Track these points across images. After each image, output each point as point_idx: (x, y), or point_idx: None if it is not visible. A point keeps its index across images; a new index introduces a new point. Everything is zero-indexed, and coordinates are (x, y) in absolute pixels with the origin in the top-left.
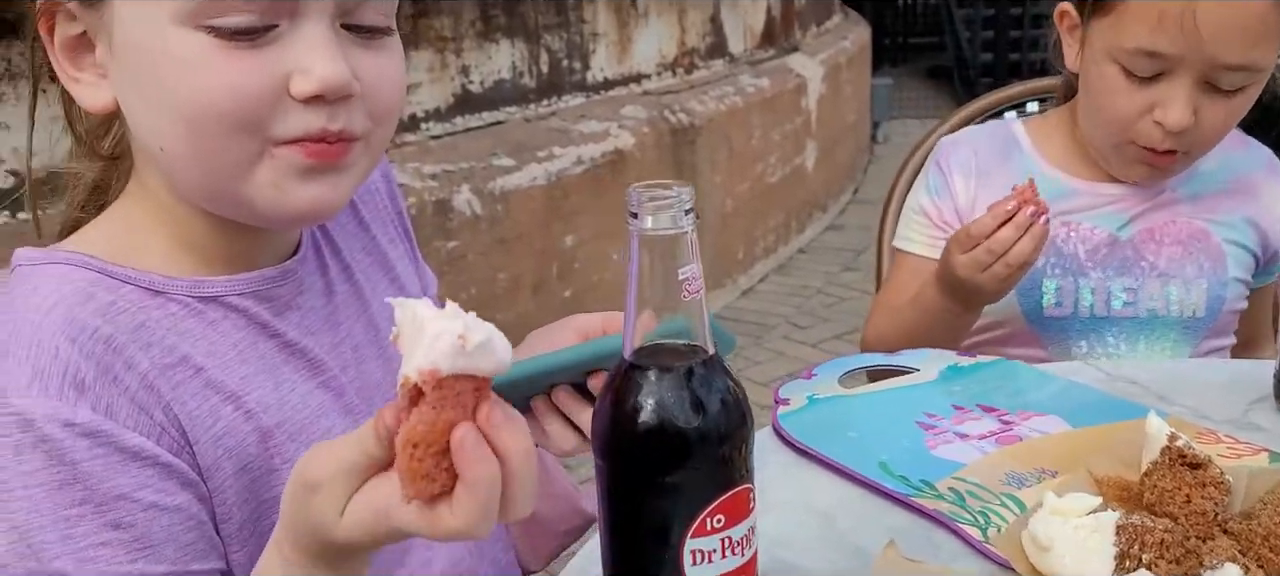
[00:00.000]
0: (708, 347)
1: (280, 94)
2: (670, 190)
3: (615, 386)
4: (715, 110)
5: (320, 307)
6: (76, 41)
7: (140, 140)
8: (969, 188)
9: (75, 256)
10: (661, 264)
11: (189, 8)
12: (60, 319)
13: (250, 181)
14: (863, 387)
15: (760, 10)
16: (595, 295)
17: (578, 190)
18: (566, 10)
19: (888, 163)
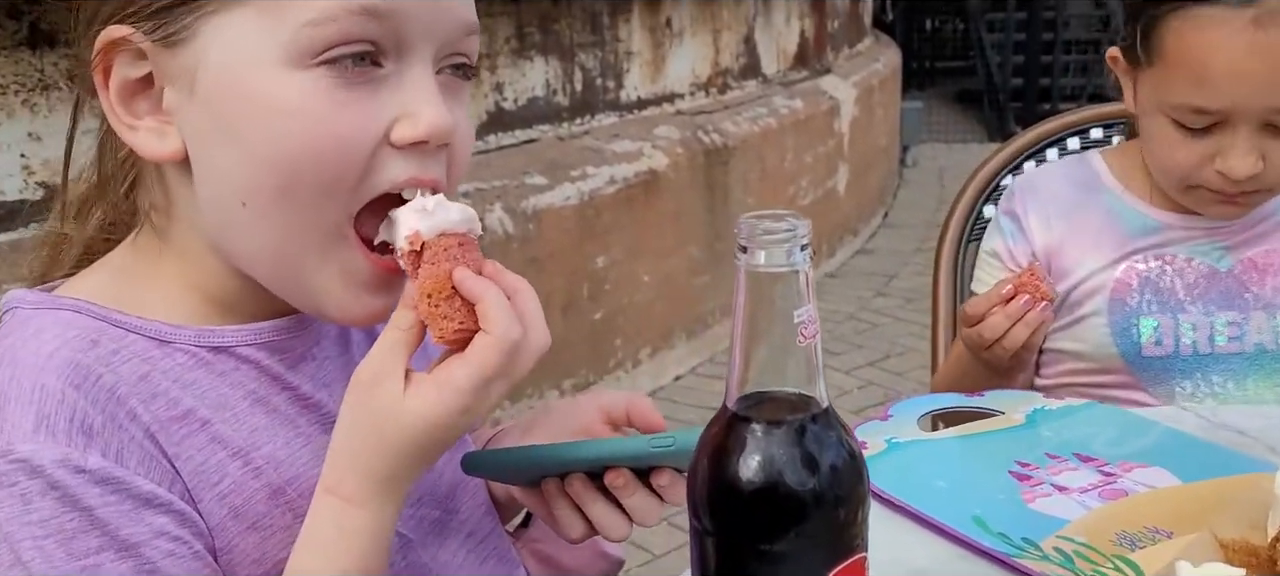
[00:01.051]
0: (822, 399)
1: (381, 142)
2: (784, 222)
3: (717, 439)
4: (748, 131)
5: (335, 357)
6: (137, 86)
7: (212, 195)
8: (1050, 229)
9: (77, 303)
10: (773, 305)
11: (301, 43)
12: (63, 364)
13: (324, 271)
14: (946, 431)
15: (794, 32)
16: (626, 316)
17: (610, 210)
18: (601, 29)
19: (918, 187)
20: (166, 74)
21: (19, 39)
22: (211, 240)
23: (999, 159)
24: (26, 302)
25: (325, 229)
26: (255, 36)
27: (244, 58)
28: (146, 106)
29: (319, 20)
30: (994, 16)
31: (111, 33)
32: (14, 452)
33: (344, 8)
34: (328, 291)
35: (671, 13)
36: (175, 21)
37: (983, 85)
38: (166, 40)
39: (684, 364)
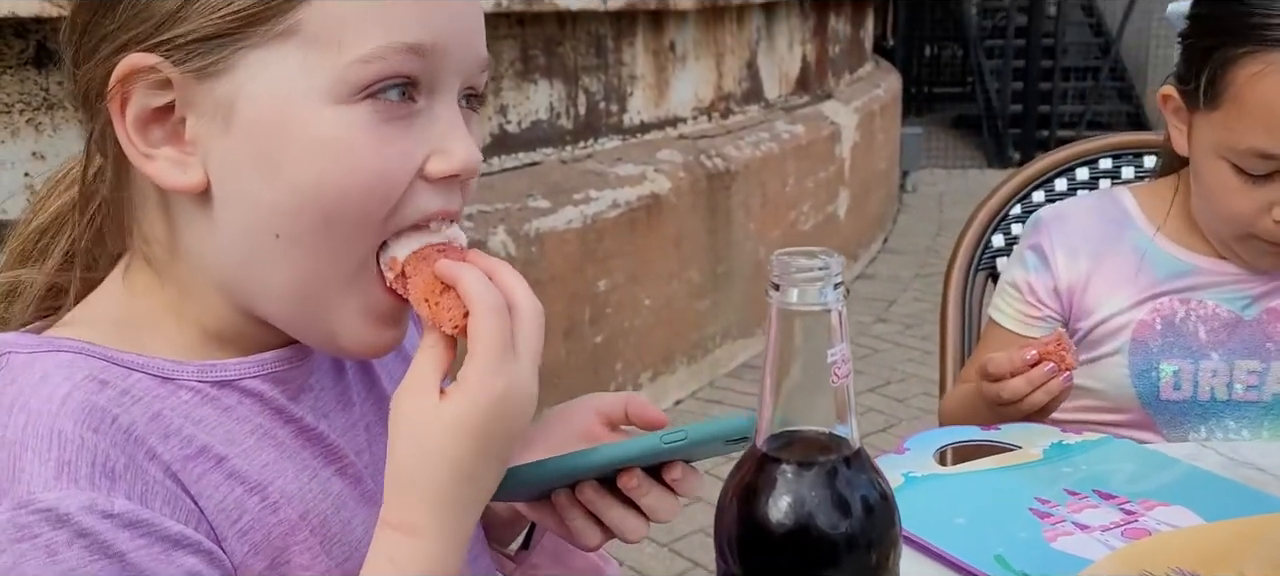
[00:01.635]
0: (854, 439)
1: (415, 176)
2: (817, 259)
3: (746, 478)
4: (751, 156)
5: (331, 387)
6: (154, 114)
7: (240, 228)
8: (1077, 267)
9: (76, 343)
10: (805, 343)
11: (350, 78)
12: (78, 407)
13: (346, 304)
14: (964, 466)
15: (796, 57)
16: (627, 341)
17: (612, 233)
18: (605, 53)
19: (917, 213)
20: (192, 104)
21: (25, 58)
22: (224, 275)
23: (1008, 187)
24: (21, 347)
25: (354, 261)
26: (300, 71)
27: (288, 91)
28: (162, 135)
29: (369, 57)
30: (993, 43)
31: (136, 61)
32: (37, 502)
33: (392, 46)
34: (346, 324)
35: (675, 37)
36: (212, 54)
37: (982, 111)
38: (200, 72)
39: (685, 388)
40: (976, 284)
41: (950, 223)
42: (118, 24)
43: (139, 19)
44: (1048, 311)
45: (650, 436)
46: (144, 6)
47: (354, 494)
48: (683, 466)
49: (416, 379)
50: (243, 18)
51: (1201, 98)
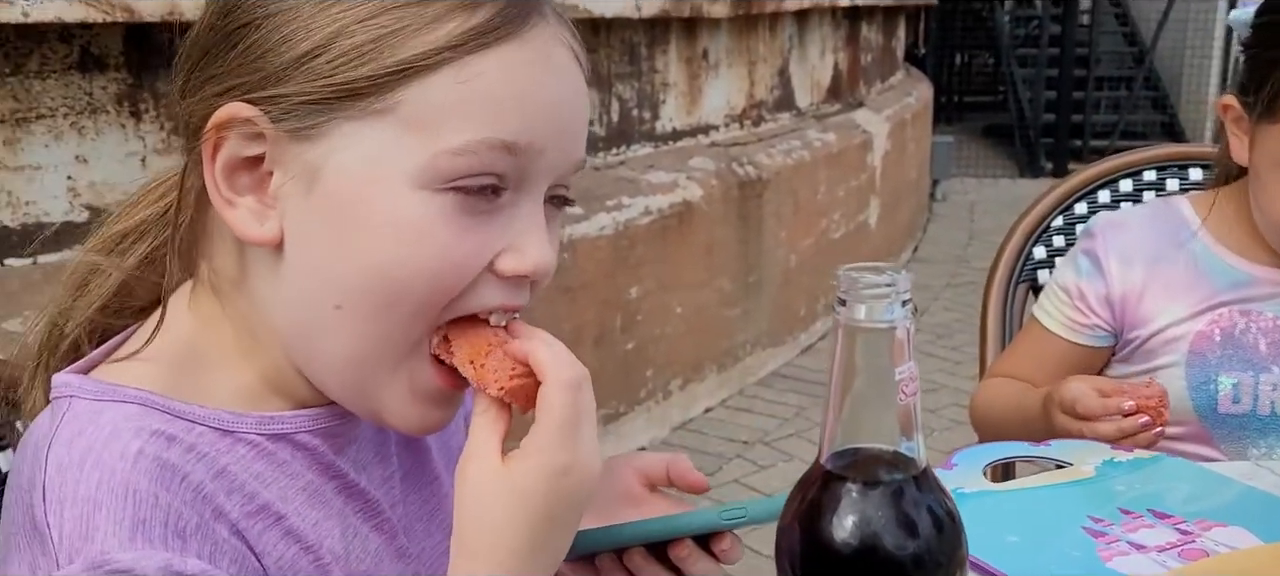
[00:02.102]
0: (920, 458)
1: (484, 269)
2: (885, 276)
3: (810, 496)
4: (782, 164)
5: (370, 439)
6: (243, 163)
7: (303, 291)
8: (1131, 275)
9: (139, 393)
10: (873, 361)
11: (439, 168)
12: (149, 464)
13: (394, 384)
14: (1014, 483)
15: (828, 65)
16: (658, 348)
17: (644, 241)
18: (639, 60)
19: (947, 222)
20: (281, 161)
21: (69, 62)
22: (281, 330)
23: (1051, 198)
24: (85, 392)
25: (409, 342)
26: (391, 151)
27: (375, 169)
28: (247, 183)
29: (461, 150)
30: (1026, 52)
31: (235, 110)
32: (112, 562)
33: (486, 142)
34: (393, 400)
35: (708, 44)
36: (309, 118)
37: (1013, 120)
38: (294, 133)
39: (714, 396)
40: (1017, 296)
41: (981, 232)
42: (227, 67)
43: (248, 69)
44: (1097, 321)
45: (709, 511)
46: (255, 58)
47: (389, 549)
48: (731, 537)
49: (478, 446)
50: (346, 89)
51: (1265, 108)
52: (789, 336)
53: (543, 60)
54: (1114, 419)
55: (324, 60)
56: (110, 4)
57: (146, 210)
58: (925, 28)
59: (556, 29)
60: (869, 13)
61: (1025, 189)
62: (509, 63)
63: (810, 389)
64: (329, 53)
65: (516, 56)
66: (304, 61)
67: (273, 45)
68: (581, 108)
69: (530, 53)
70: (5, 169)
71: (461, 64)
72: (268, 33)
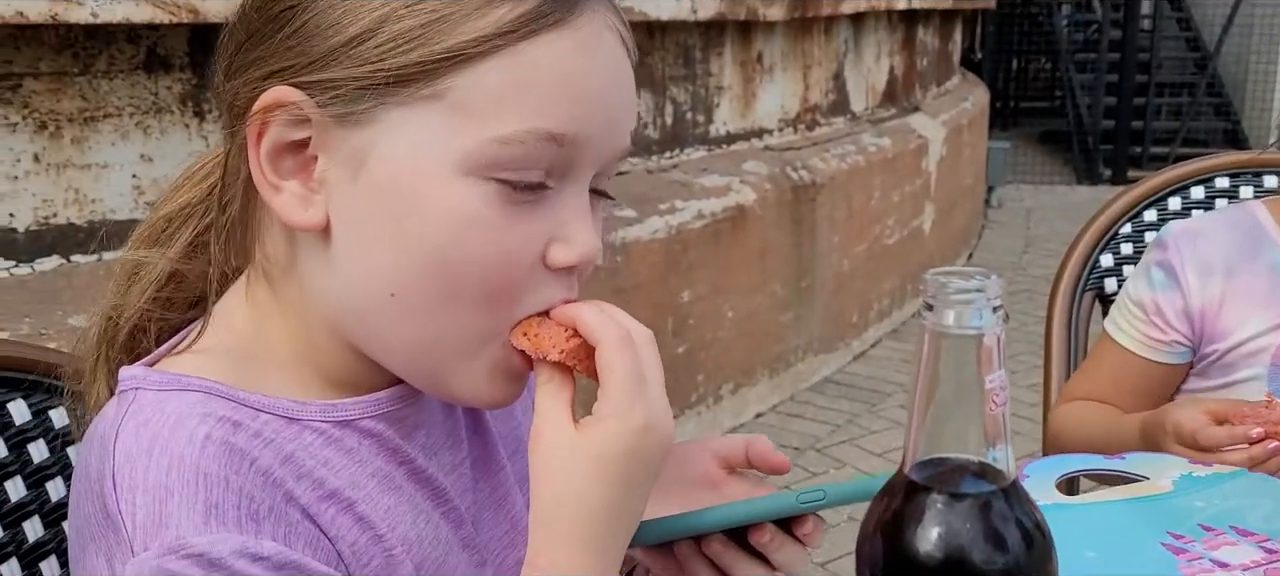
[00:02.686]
0: (1009, 470)
1: (537, 261)
2: (974, 280)
3: (894, 507)
4: (837, 168)
5: (441, 424)
6: (288, 147)
7: (355, 280)
8: (1210, 287)
9: (206, 384)
10: (962, 369)
11: (486, 155)
12: (219, 449)
13: (468, 365)
14: (1089, 497)
15: (883, 69)
16: (710, 352)
17: (697, 244)
18: (693, 63)
19: (1002, 228)
20: (326, 146)
21: (135, 63)
22: (336, 317)
23: (1119, 204)
24: (149, 383)
25: (480, 335)
26: (437, 137)
27: (421, 156)
28: (291, 167)
29: (508, 139)
30: (1085, 57)
31: (281, 93)
32: (188, 546)
33: (533, 132)
34: (469, 382)
35: (763, 48)
36: (356, 103)
37: (1071, 126)
38: (341, 118)
39: (765, 401)
40: (1083, 304)
41: (1037, 240)
42: (273, 50)
43: (294, 52)
44: (1176, 336)
45: (787, 496)
46: (302, 41)
47: (456, 538)
48: (814, 520)
49: (549, 416)
50: (394, 75)
51: None
52: (841, 342)
53: (592, 48)
54: (1240, 448)
55: (372, 45)
56: (176, 5)
57: (189, 193)
58: (982, 31)
59: (605, 13)
60: (925, 16)
61: (1082, 196)
62: (558, 51)
63: (862, 396)
64: (377, 37)
65: (566, 44)
66: (352, 46)
67: (320, 29)
68: (628, 96)
69: (579, 40)
70: (73, 167)
71: (512, 51)
72: (315, 16)
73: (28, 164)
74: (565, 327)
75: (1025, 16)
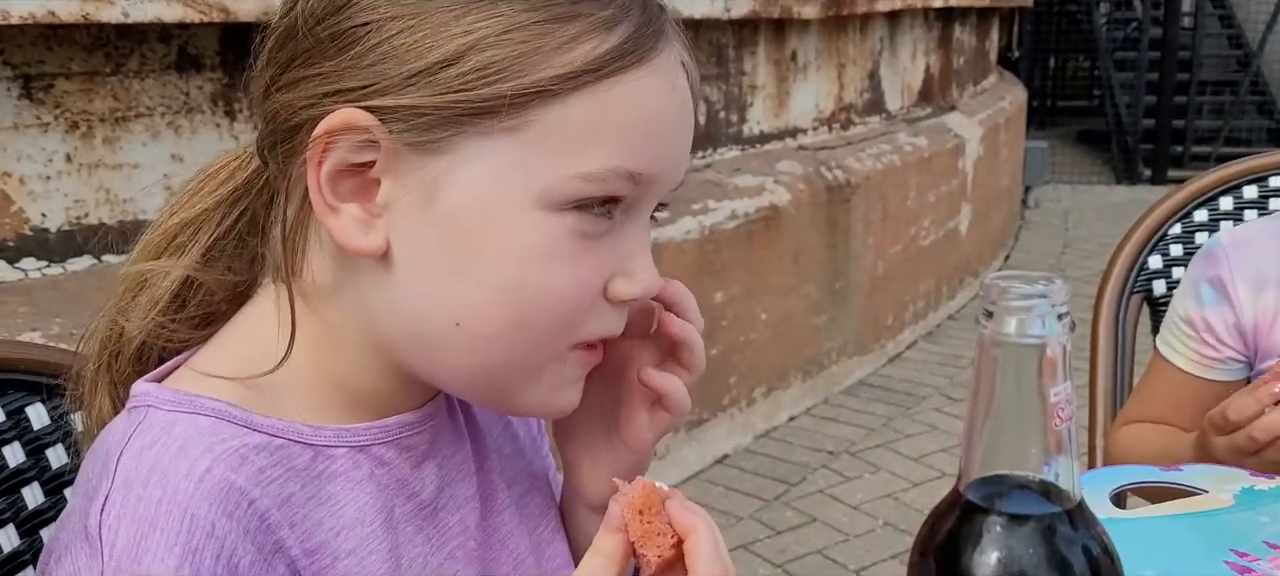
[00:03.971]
0: (1074, 490)
1: (600, 294)
2: (1037, 285)
3: (948, 528)
4: (872, 168)
5: (452, 455)
6: (348, 170)
7: (418, 309)
8: (1263, 300)
9: (218, 406)
10: (1023, 381)
11: (565, 190)
12: (216, 488)
13: (537, 382)
14: (1146, 511)
15: (919, 68)
16: (742, 355)
17: (730, 245)
18: (727, 61)
19: (1040, 230)
20: (395, 172)
21: (167, 62)
22: (388, 343)
23: (1168, 205)
24: (162, 402)
25: (543, 359)
26: (518, 171)
27: (499, 188)
28: (350, 189)
29: (592, 176)
30: (1124, 55)
31: (353, 117)
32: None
33: (616, 171)
34: (534, 398)
35: (797, 46)
36: (435, 131)
37: (1110, 126)
38: (417, 145)
39: (799, 404)
40: (1130, 307)
41: (1075, 241)
42: (338, 68)
43: (366, 73)
44: (1230, 353)
45: None
46: (376, 63)
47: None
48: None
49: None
50: (479, 106)
51: None
52: (876, 345)
53: (669, 87)
54: (1275, 408)
55: (455, 73)
56: (207, 4)
57: (207, 199)
58: (1019, 30)
59: (677, 48)
60: (962, 14)
61: (1121, 196)
62: (640, 89)
63: (897, 399)
64: (461, 66)
65: (647, 83)
66: (433, 72)
67: (397, 51)
68: (691, 129)
69: (658, 79)
70: (105, 167)
71: (596, 88)
72: (391, 37)
73: (60, 164)
74: (672, 532)
75: (1063, 14)
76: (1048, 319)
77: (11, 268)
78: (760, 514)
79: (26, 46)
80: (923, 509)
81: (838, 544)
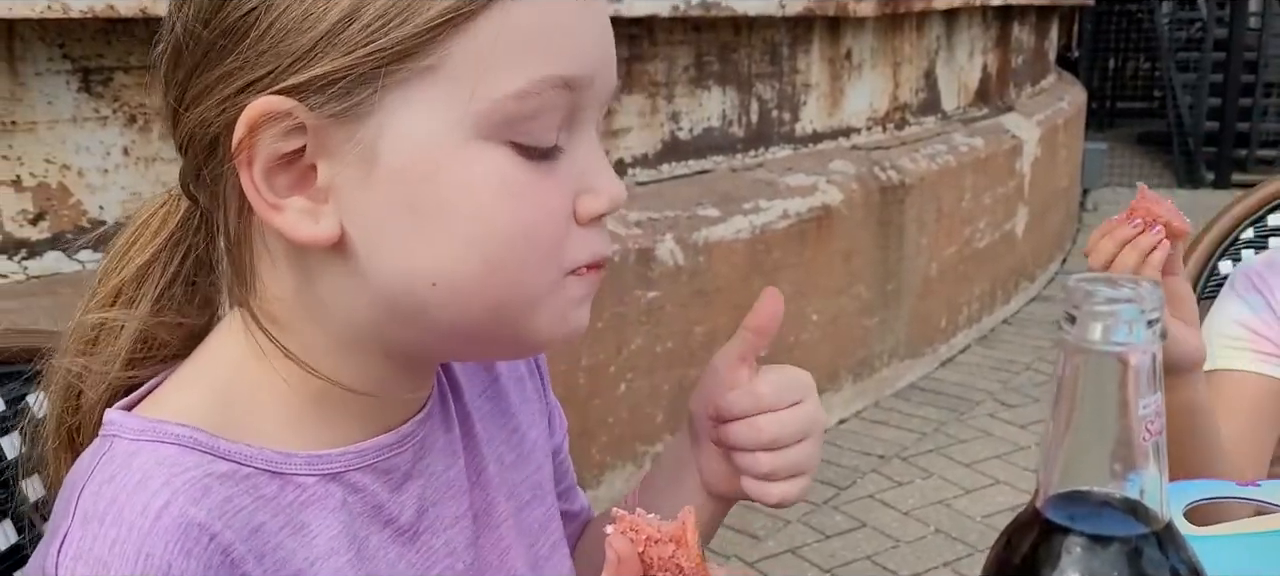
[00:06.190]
0: (1162, 511)
1: (570, 219)
2: (1125, 288)
3: (1025, 549)
4: (926, 169)
5: (441, 473)
6: (280, 162)
7: (389, 277)
8: None
9: (183, 433)
10: (1110, 391)
11: (501, 115)
12: (173, 524)
13: (536, 316)
14: (1221, 529)
15: (976, 67)
16: (792, 356)
17: (781, 245)
18: (780, 60)
19: None
20: (327, 151)
21: None
22: (369, 327)
23: (1240, 209)
24: (127, 430)
25: (536, 293)
26: (446, 109)
27: (434, 133)
28: (287, 183)
29: (522, 94)
30: (1187, 55)
31: (269, 105)
32: None
33: (547, 80)
34: (542, 331)
35: (852, 44)
36: (351, 95)
37: (1172, 128)
38: (339, 116)
39: (850, 407)
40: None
41: None
42: (240, 62)
43: (268, 57)
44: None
45: None
46: (273, 43)
47: None
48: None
49: None
50: (389, 54)
51: None
52: (928, 348)
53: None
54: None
55: (357, 28)
56: None
57: (143, 253)
58: (1078, 29)
59: None
60: (1021, 12)
61: (1182, 201)
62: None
63: (950, 403)
64: (361, 18)
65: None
66: (335, 34)
67: (292, 24)
68: (609, 25)
69: None
70: (161, 160)
71: (503, 3)
72: (283, 12)
73: (118, 157)
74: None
75: (1124, 14)
76: (1136, 325)
77: (69, 259)
78: (809, 518)
79: (86, 40)
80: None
81: (888, 550)
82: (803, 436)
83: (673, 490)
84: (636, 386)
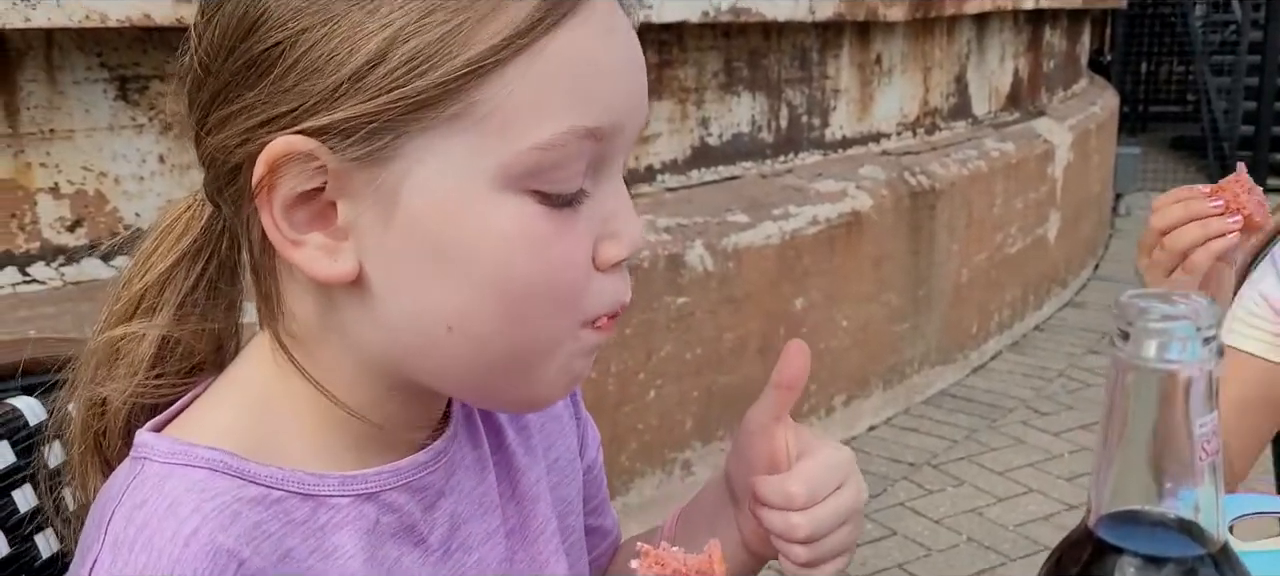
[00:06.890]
0: (1218, 532)
1: (590, 265)
2: (1180, 304)
3: (1078, 568)
4: (957, 174)
5: (472, 489)
6: (300, 198)
7: (404, 320)
8: None
9: (213, 455)
10: (1165, 410)
11: (525, 164)
12: (202, 550)
13: (552, 362)
14: (1262, 544)
15: (1007, 71)
16: (822, 363)
17: (811, 251)
18: (810, 65)
19: (1130, 238)
20: (349, 192)
21: None
22: (384, 361)
23: None
24: (158, 453)
25: (553, 343)
26: (470, 157)
27: (457, 180)
28: (307, 218)
29: (548, 145)
30: (1221, 59)
31: (290, 145)
32: None
33: (573, 132)
34: (546, 387)
35: (882, 49)
36: (374, 139)
37: (1206, 132)
38: (361, 159)
39: (879, 414)
40: None
41: None
42: (263, 97)
43: (291, 95)
44: None
45: None
46: (297, 82)
47: None
48: None
49: None
50: (414, 101)
51: None
52: (959, 354)
53: (606, 30)
54: (1196, 225)
55: (382, 72)
56: None
57: (166, 259)
58: (1111, 33)
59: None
60: (1053, 16)
61: None
62: (576, 41)
63: (981, 410)
64: (387, 63)
65: (581, 33)
66: (360, 77)
67: (317, 64)
68: (642, 69)
69: (593, 26)
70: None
71: (530, 52)
72: (308, 50)
73: (153, 165)
74: None
75: (1157, 17)
76: (1191, 343)
77: (106, 266)
78: None
79: (123, 49)
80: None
81: (919, 559)
82: (841, 523)
83: (709, 538)
84: (666, 393)
